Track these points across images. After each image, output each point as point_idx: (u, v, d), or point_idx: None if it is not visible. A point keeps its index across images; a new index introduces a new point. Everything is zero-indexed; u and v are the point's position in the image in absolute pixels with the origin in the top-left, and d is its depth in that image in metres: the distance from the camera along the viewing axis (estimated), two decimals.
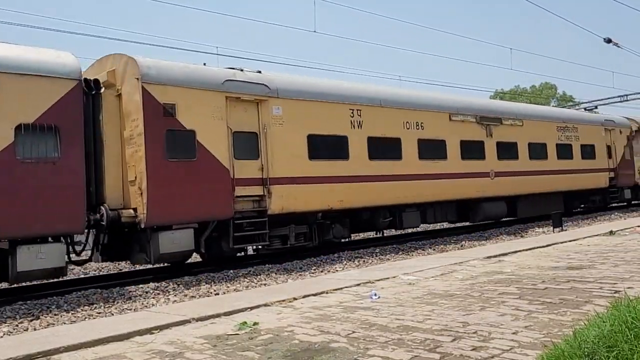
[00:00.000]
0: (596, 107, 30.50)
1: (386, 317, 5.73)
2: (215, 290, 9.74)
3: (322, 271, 11.44)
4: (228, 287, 10.04)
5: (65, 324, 7.70)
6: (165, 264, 12.45)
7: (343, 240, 14.99)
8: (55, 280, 10.99)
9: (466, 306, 6.03)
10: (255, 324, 5.76)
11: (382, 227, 15.92)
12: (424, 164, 15.76)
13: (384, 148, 14.83)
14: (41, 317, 8.28)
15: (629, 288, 6.15)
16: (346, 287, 7.76)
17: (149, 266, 12.34)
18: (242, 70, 12.66)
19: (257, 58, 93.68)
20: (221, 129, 11.70)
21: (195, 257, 13.33)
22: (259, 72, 13.09)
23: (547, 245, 11.40)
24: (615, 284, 6.74)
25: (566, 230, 16.05)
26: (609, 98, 34.74)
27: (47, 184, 9.44)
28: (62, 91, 9.74)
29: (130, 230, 11.03)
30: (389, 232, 18.40)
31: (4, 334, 7.32)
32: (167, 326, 5.90)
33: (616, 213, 22.99)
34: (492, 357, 4.19)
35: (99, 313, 8.52)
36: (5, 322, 7.95)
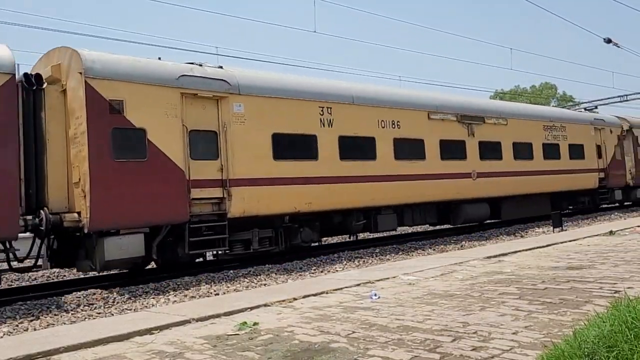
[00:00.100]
0: (596, 107, 30.43)
1: (386, 317, 5.73)
2: (215, 291, 9.73)
3: (322, 271, 11.45)
4: (228, 287, 10.04)
5: (65, 324, 7.69)
6: (121, 270, 11.80)
7: (313, 245, 14.29)
8: (56, 280, 10.96)
9: (466, 306, 6.03)
10: (255, 324, 5.76)
11: (356, 231, 15.22)
12: (400, 164, 15.17)
13: (356, 148, 14.22)
14: (41, 317, 8.28)
15: (629, 288, 6.15)
16: (346, 287, 7.76)
17: (150, 267, 12.35)
18: (200, 65, 12.02)
19: (257, 58, 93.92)
20: (175, 127, 11.04)
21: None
22: (221, 67, 12.45)
23: (547, 245, 11.40)
24: (615, 284, 6.75)
25: (566, 230, 16.06)
26: (609, 98, 34.77)
27: None
28: None
29: (79, 235, 10.37)
30: (364, 236, 17.61)
31: (4, 334, 7.32)
32: (167, 326, 5.90)
33: (616, 213, 22.96)
34: (492, 357, 4.19)
35: (99, 313, 8.53)
36: (5, 322, 7.95)
